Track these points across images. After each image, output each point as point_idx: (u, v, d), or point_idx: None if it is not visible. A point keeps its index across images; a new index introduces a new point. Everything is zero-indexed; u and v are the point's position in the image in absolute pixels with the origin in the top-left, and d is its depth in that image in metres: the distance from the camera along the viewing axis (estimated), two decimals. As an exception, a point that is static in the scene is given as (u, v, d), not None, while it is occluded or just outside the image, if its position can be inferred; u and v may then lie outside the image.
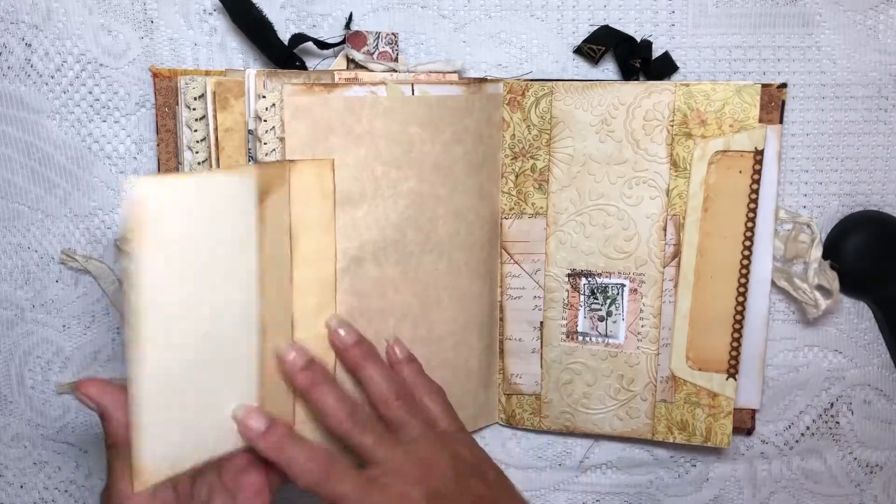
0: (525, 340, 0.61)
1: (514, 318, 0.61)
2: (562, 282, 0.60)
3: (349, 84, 0.52)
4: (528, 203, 0.60)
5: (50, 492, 0.64)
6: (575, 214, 0.59)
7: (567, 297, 0.60)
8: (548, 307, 0.61)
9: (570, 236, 0.59)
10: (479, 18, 0.59)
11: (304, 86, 0.50)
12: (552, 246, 0.60)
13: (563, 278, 0.60)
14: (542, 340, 0.61)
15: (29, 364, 0.62)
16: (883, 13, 0.59)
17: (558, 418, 0.62)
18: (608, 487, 0.65)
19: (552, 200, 0.59)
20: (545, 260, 0.60)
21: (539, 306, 0.61)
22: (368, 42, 0.56)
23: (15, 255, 0.60)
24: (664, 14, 0.59)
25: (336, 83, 0.53)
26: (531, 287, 0.60)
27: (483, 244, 0.59)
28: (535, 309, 0.61)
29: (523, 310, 0.61)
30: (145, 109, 0.59)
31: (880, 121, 0.60)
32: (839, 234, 0.60)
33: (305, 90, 0.50)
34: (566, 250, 0.60)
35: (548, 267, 0.60)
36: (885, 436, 0.63)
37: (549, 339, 0.61)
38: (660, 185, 0.58)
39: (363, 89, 0.52)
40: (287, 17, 0.59)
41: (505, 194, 0.60)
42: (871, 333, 0.62)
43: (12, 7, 0.57)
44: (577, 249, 0.59)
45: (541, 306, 0.61)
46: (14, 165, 0.59)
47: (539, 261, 0.60)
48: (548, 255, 0.60)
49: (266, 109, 0.51)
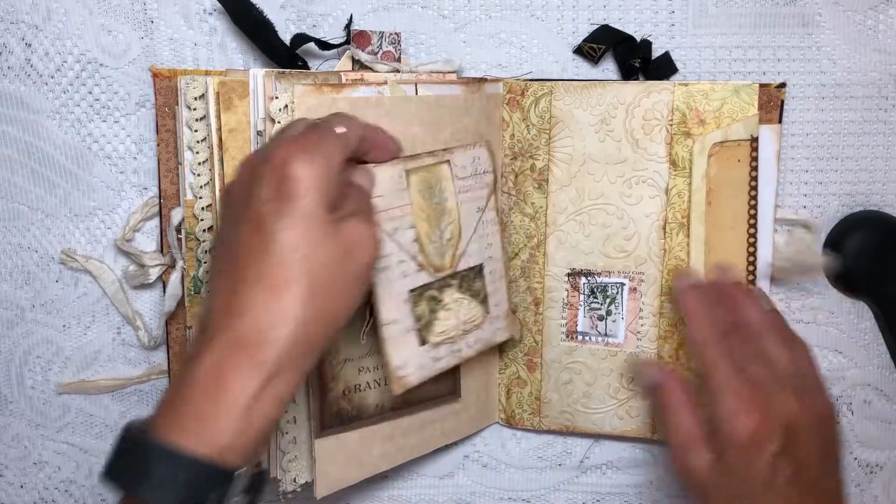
0: (399, 319, 0.52)
1: (384, 295, 0.50)
2: (561, 281, 0.60)
3: (356, 84, 0.52)
4: (527, 202, 0.60)
5: (50, 492, 0.64)
6: (574, 214, 0.59)
7: (566, 296, 0.60)
8: (547, 307, 0.61)
9: (570, 236, 0.59)
10: (479, 18, 0.59)
11: (314, 86, 0.50)
12: (552, 245, 0.60)
13: (562, 278, 0.60)
14: (417, 317, 0.52)
15: (29, 364, 0.62)
16: (883, 13, 0.59)
17: (558, 418, 0.62)
18: (608, 488, 0.65)
19: (551, 200, 0.59)
20: (543, 260, 0.60)
21: (405, 271, 0.51)
22: (372, 42, 0.56)
23: (15, 255, 0.60)
24: (664, 14, 0.59)
25: (343, 84, 0.52)
26: (395, 251, 0.51)
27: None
28: (401, 276, 0.51)
29: (391, 282, 0.51)
30: (145, 109, 0.59)
31: (880, 121, 0.60)
32: (839, 234, 0.60)
33: (315, 91, 0.50)
34: (565, 250, 0.60)
35: (547, 266, 0.60)
36: (885, 436, 0.63)
37: (549, 338, 0.61)
38: (659, 185, 0.58)
39: (369, 89, 0.52)
40: (287, 17, 0.59)
41: (504, 194, 0.60)
42: (871, 333, 0.62)
43: (12, 7, 0.57)
44: (577, 249, 0.60)
45: (406, 271, 0.51)
46: (14, 165, 0.59)
47: (396, 217, 0.50)
48: (547, 254, 0.60)
49: (279, 111, 0.50)
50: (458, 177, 0.54)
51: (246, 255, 0.40)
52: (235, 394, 0.38)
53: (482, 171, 0.56)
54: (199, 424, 0.38)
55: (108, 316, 0.61)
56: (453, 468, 0.65)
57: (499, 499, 0.65)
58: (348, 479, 0.55)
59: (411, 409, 0.58)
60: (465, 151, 0.55)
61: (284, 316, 0.39)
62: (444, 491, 0.65)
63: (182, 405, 0.38)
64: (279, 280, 0.39)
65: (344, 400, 0.54)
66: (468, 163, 0.55)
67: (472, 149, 0.55)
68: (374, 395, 0.56)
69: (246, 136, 0.53)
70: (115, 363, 0.62)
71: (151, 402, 0.63)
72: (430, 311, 0.53)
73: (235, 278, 0.40)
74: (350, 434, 0.55)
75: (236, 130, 0.53)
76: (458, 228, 0.54)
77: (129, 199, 0.60)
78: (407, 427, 0.58)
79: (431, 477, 0.65)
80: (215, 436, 0.38)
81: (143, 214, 0.59)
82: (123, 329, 0.62)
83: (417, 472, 0.65)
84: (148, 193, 0.60)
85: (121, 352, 0.62)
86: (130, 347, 0.62)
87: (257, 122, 0.52)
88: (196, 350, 0.40)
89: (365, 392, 0.55)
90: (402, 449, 0.58)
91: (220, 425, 0.38)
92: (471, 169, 0.55)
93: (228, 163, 0.53)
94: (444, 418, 0.60)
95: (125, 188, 0.60)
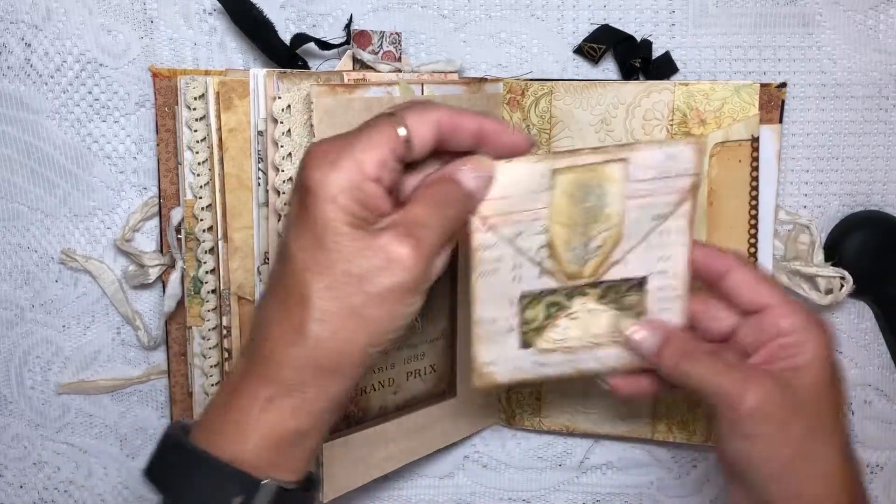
0: (499, 320, 0.49)
1: (484, 295, 0.47)
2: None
3: (367, 85, 0.52)
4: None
5: (49, 492, 0.64)
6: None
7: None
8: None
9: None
10: (479, 18, 0.59)
11: (328, 87, 0.49)
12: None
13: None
14: (525, 320, 0.49)
15: (28, 364, 0.62)
16: (883, 13, 0.59)
17: (558, 418, 0.62)
18: (608, 488, 0.65)
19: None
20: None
21: (519, 276, 0.47)
22: (373, 42, 0.56)
23: (14, 255, 0.60)
24: (664, 13, 0.59)
25: (356, 84, 0.52)
26: (509, 256, 0.47)
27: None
28: (514, 280, 0.48)
29: (499, 284, 0.48)
30: (145, 109, 0.59)
31: (881, 121, 0.60)
32: (840, 235, 0.60)
33: (330, 91, 0.49)
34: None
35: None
36: (885, 436, 0.63)
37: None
38: (660, 185, 0.57)
39: (380, 90, 0.52)
40: (287, 16, 0.59)
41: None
42: (871, 333, 0.62)
43: (12, 7, 0.57)
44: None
45: (521, 276, 0.47)
46: (14, 165, 0.59)
47: (523, 220, 0.46)
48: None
49: (282, 111, 0.50)
50: (634, 179, 0.46)
51: (274, 267, 0.40)
52: (247, 405, 0.38)
53: (676, 173, 0.46)
54: (220, 430, 0.39)
55: (107, 316, 0.61)
56: (453, 468, 0.65)
57: (499, 499, 0.65)
58: (354, 483, 0.55)
59: (410, 409, 0.58)
60: (654, 149, 0.46)
61: (291, 335, 0.38)
62: (444, 491, 0.65)
63: (210, 412, 0.40)
64: (291, 299, 0.38)
65: (351, 403, 0.54)
66: (657, 163, 0.46)
67: (668, 147, 0.46)
68: (377, 397, 0.56)
69: (246, 136, 0.53)
70: (115, 363, 0.62)
71: (151, 403, 0.63)
72: (545, 317, 0.48)
73: (265, 291, 0.41)
74: (355, 437, 0.55)
75: (236, 130, 0.53)
76: (617, 236, 0.47)
77: (128, 199, 0.60)
78: (409, 428, 0.58)
79: (431, 477, 0.65)
80: (234, 442, 0.38)
81: (143, 214, 0.59)
82: (123, 329, 0.62)
83: (417, 472, 0.65)
84: (148, 193, 0.60)
85: (120, 352, 0.62)
86: (130, 347, 0.62)
87: (258, 122, 0.52)
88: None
89: (370, 394, 0.55)
90: (405, 450, 0.58)
91: (238, 432, 0.38)
92: (658, 171, 0.46)
93: (228, 163, 0.53)
94: (444, 419, 0.60)
95: (125, 188, 0.60)
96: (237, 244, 0.53)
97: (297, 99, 0.50)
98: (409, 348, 0.57)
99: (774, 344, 0.45)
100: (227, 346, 0.55)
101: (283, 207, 0.51)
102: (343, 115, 0.49)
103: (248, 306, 0.54)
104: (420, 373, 0.58)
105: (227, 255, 0.54)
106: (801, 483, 0.44)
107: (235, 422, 0.38)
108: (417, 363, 0.57)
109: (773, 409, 0.43)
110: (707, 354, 0.45)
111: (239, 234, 0.53)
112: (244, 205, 0.53)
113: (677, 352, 0.46)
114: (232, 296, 0.54)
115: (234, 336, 0.55)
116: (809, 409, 0.44)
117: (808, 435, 0.44)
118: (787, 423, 0.43)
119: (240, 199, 0.53)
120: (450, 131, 0.41)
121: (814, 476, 0.44)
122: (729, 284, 0.47)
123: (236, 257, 0.54)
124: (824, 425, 0.44)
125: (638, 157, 0.46)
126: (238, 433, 0.38)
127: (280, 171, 0.51)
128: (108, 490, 0.64)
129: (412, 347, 0.57)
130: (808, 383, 0.44)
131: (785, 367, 0.44)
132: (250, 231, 0.53)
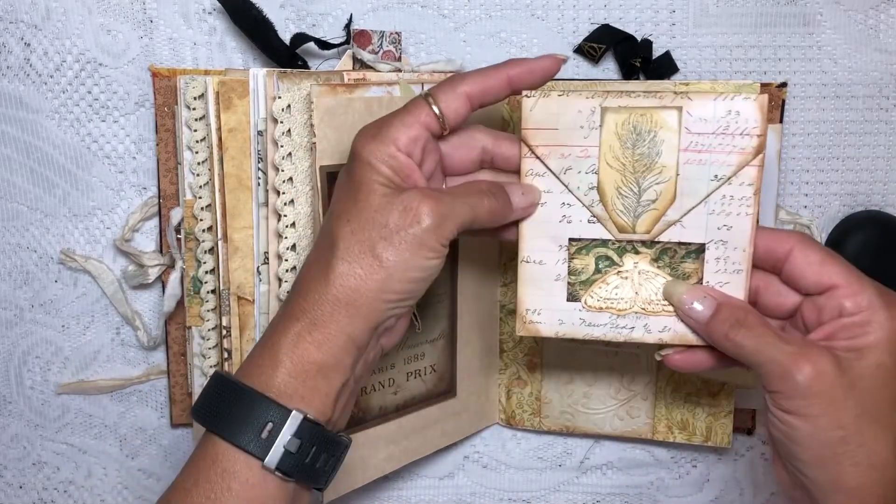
0: (547, 263, 0.48)
1: (532, 233, 0.47)
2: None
3: (367, 84, 0.52)
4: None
5: (49, 492, 0.64)
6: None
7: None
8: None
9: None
10: (479, 18, 0.59)
11: (329, 86, 0.49)
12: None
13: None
14: (573, 270, 0.48)
15: (28, 364, 0.62)
16: (883, 13, 0.59)
17: (558, 418, 0.62)
18: (608, 488, 0.65)
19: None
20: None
21: (568, 217, 0.47)
22: (373, 41, 0.56)
23: (14, 254, 0.60)
24: (665, 13, 0.59)
25: (356, 83, 0.52)
26: (558, 191, 0.46)
27: (487, 242, 0.59)
28: (563, 221, 0.47)
29: (547, 222, 0.47)
30: (144, 109, 0.59)
31: (881, 120, 0.60)
32: (840, 235, 0.60)
33: (331, 91, 0.49)
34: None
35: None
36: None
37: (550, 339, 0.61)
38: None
39: (380, 89, 0.52)
40: (287, 16, 0.59)
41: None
42: (872, 333, 0.62)
43: (11, 6, 0.57)
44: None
45: (570, 217, 0.47)
46: (13, 165, 0.59)
47: (572, 155, 0.46)
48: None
49: (282, 111, 0.50)
50: (690, 130, 0.44)
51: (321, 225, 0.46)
52: (279, 340, 0.42)
53: (740, 131, 0.44)
54: (258, 363, 0.43)
55: (107, 316, 0.61)
56: (453, 469, 0.65)
57: (499, 499, 0.65)
58: (355, 483, 0.55)
59: (411, 409, 0.58)
60: (713, 101, 0.44)
61: (319, 273, 0.43)
62: (444, 492, 0.65)
63: (252, 351, 0.44)
64: (325, 242, 0.44)
65: None
66: (716, 115, 0.44)
67: (729, 100, 0.44)
68: (378, 397, 0.56)
69: (246, 135, 0.52)
70: (114, 363, 0.62)
71: (151, 403, 0.63)
72: (595, 270, 0.47)
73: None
74: (356, 437, 0.54)
75: (236, 130, 0.52)
76: (672, 192, 0.45)
77: (128, 198, 0.60)
78: (409, 429, 0.58)
79: (431, 478, 0.65)
80: (267, 374, 0.42)
81: (143, 214, 0.59)
82: (122, 329, 0.62)
83: (417, 472, 0.65)
84: (147, 193, 0.60)
85: (120, 352, 0.62)
86: (129, 347, 0.62)
87: (258, 121, 0.52)
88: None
89: (370, 394, 0.55)
90: (406, 451, 0.58)
91: (271, 364, 0.42)
92: (718, 124, 0.44)
93: (228, 162, 0.53)
94: (444, 419, 0.60)
95: (124, 188, 0.60)
96: (237, 244, 0.53)
97: (297, 99, 0.50)
98: (409, 348, 0.57)
99: (838, 323, 0.43)
100: (227, 347, 0.55)
101: (283, 207, 0.51)
102: (343, 115, 0.49)
103: (248, 306, 0.54)
104: (420, 373, 0.58)
105: (227, 255, 0.54)
106: (845, 472, 0.42)
107: (270, 355, 0.42)
108: (417, 363, 0.57)
109: (826, 387, 0.41)
110: (760, 324, 0.44)
111: (239, 234, 0.53)
112: (244, 205, 0.53)
113: (729, 320, 0.45)
114: (231, 296, 0.54)
115: (233, 336, 0.54)
116: (866, 393, 0.42)
117: (860, 420, 0.42)
118: (838, 405, 0.41)
119: (239, 199, 0.53)
120: (480, 95, 0.45)
121: (859, 465, 0.42)
122: (792, 266, 0.45)
123: (236, 257, 0.54)
124: (880, 412, 0.42)
125: (695, 108, 0.44)
126: (271, 365, 0.42)
127: (280, 170, 0.51)
128: (107, 490, 0.64)
129: (412, 347, 0.57)
130: (869, 365, 0.42)
131: (846, 347, 0.43)
132: (250, 231, 0.53)
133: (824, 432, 0.42)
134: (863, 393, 0.42)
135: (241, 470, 0.41)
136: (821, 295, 0.44)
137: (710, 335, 0.46)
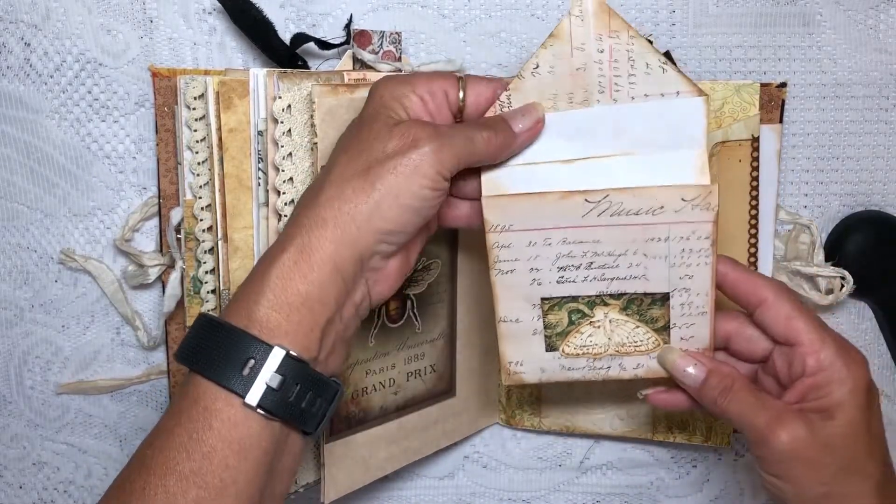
0: (523, 321, 0.51)
1: (506, 294, 0.50)
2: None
3: (368, 84, 0.51)
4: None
5: (49, 492, 0.64)
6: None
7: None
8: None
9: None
10: (479, 18, 0.59)
11: (330, 87, 0.49)
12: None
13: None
14: (549, 324, 0.51)
15: (28, 364, 0.62)
16: (883, 13, 0.59)
17: (558, 418, 0.62)
18: (608, 488, 0.65)
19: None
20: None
21: (538, 280, 0.50)
22: (373, 41, 0.56)
23: (14, 254, 0.60)
24: (665, 13, 0.59)
25: (357, 83, 0.52)
26: (525, 258, 0.49)
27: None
28: (534, 283, 0.50)
29: (519, 286, 0.50)
30: (144, 109, 0.59)
31: (881, 120, 0.60)
32: (840, 234, 0.60)
33: (332, 91, 0.49)
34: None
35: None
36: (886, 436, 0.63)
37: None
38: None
39: None
40: (287, 16, 0.59)
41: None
42: (872, 333, 0.62)
43: (11, 6, 0.57)
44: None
45: (540, 280, 0.50)
46: (13, 165, 0.59)
47: (538, 245, 0.50)
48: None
49: (282, 111, 0.50)
50: (646, 223, 0.48)
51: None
52: (265, 269, 0.42)
53: (693, 219, 0.48)
54: (242, 296, 0.42)
55: (107, 316, 0.61)
56: (453, 469, 0.65)
57: (499, 499, 0.65)
58: (355, 483, 0.55)
59: (411, 409, 0.58)
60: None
61: (311, 197, 0.43)
62: (444, 492, 0.65)
63: (240, 285, 0.43)
64: (323, 170, 0.44)
65: (352, 404, 0.54)
66: (671, 207, 0.47)
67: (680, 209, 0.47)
68: (378, 398, 0.56)
69: (246, 135, 0.52)
70: (115, 363, 0.62)
71: (151, 403, 0.63)
72: (569, 323, 0.51)
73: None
74: (357, 437, 0.55)
75: (236, 130, 0.52)
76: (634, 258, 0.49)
77: (128, 198, 0.60)
78: (410, 429, 0.58)
79: (432, 478, 0.65)
80: (249, 307, 0.41)
81: (143, 214, 0.59)
82: (122, 329, 0.62)
83: (418, 472, 0.65)
84: (147, 193, 0.60)
85: (120, 352, 0.62)
86: (129, 348, 0.62)
87: (258, 121, 0.52)
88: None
89: (371, 395, 0.55)
90: (406, 451, 0.58)
91: (253, 294, 0.41)
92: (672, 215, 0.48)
93: (228, 162, 0.53)
94: (444, 419, 0.60)
95: (124, 188, 0.60)
96: (237, 244, 0.53)
97: (297, 99, 0.50)
98: (409, 348, 0.57)
99: (803, 383, 0.46)
100: (227, 347, 0.55)
101: (284, 207, 0.51)
102: (344, 115, 0.49)
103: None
104: (420, 373, 0.58)
105: (227, 256, 0.54)
106: None
107: (254, 289, 0.41)
108: (417, 363, 0.57)
109: (803, 450, 0.45)
110: (745, 391, 0.47)
111: (239, 234, 0.53)
112: (244, 205, 0.53)
113: (718, 387, 0.48)
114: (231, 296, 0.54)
115: (233, 336, 0.54)
116: (841, 449, 0.45)
117: (840, 474, 0.45)
118: (817, 464, 0.44)
119: (239, 199, 0.53)
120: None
121: None
122: (763, 316, 0.48)
123: (236, 257, 0.54)
124: (858, 464, 0.45)
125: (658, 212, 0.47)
126: (255, 299, 0.41)
127: (280, 170, 0.51)
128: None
129: (412, 347, 0.57)
130: (839, 423, 0.45)
131: (814, 408, 0.46)
132: (250, 231, 0.53)
133: (808, 490, 0.45)
134: (839, 450, 0.45)
135: (223, 408, 0.40)
136: (789, 347, 0.47)
137: (702, 400, 0.49)
